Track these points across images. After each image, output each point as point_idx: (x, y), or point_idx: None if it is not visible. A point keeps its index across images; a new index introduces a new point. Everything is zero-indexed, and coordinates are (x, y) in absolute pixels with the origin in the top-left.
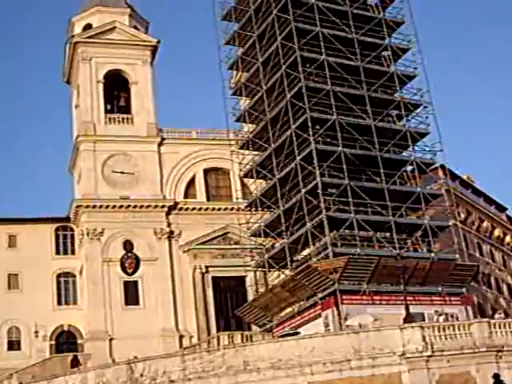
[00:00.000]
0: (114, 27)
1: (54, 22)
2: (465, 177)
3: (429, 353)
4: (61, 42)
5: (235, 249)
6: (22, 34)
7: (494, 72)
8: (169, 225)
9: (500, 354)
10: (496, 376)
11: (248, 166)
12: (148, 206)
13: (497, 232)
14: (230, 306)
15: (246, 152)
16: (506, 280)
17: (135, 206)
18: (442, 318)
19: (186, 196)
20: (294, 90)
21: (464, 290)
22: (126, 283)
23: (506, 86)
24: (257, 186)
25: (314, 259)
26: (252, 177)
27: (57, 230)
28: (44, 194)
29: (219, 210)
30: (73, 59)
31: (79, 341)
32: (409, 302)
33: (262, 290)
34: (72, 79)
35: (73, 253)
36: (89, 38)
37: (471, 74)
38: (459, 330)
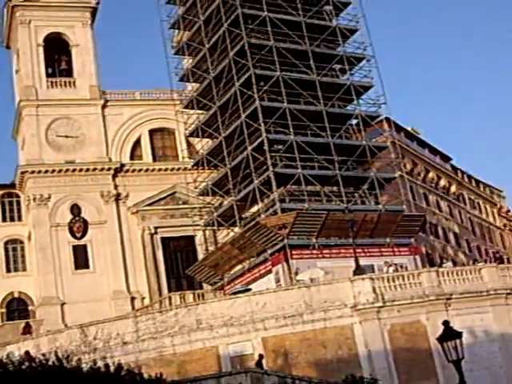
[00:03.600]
0: None
1: None
2: (409, 128)
3: (379, 304)
4: None
5: (183, 209)
6: None
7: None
8: (116, 187)
9: (449, 301)
10: (446, 323)
11: (193, 126)
12: (94, 169)
13: (442, 182)
14: (181, 266)
15: (191, 111)
16: (452, 229)
17: (81, 170)
18: (391, 269)
19: (131, 158)
20: (236, 47)
21: (412, 240)
22: (75, 247)
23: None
24: (203, 145)
25: (263, 216)
26: (198, 136)
27: (2, 196)
28: None
29: (166, 170)
30: (11, 23)
31: (30, 307)
32: (358, 255)
33: (211, 248)
34: (11, 44)
35: (20, 219)
36: (27, 1)
37: (413, 26)
38: (409, 279)
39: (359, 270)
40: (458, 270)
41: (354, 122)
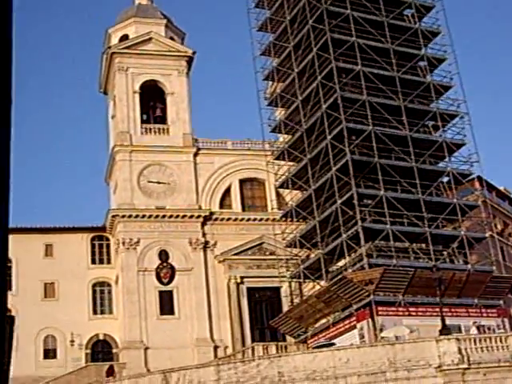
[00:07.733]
0: (150, 38)
1: (92, 33)
2: (501, 188)
3: (465, 365)
4: (98, 52)
5: (270, 259)
6: (59, 45)
7: None
8: (204, 235)
9: None
10: None
11: (283, 177)
12: (183, 216)
13: None
14: (265, 317)
15: (282, 162)
16: None
17: (171, 216)
18: (476, 331)
19: (221, 206)
20: (329, 100)
21: (501, 302)
22: (161, 293)
23: None
24: (292, 196)
25: (350, 270)
26: (287, 187)
27: (92, 239)
28: (80, 204)
29: (254, 220)
30: (109, 70)
31: (114, 350)
32: (445, 314)
33: (297, 300)
34: (108, 90)
35: (108, 262)
36: (125, 48)
37: (508, 82)
38: (496, 342)
39: (445, 330)
40: None
41: (445, 179)
